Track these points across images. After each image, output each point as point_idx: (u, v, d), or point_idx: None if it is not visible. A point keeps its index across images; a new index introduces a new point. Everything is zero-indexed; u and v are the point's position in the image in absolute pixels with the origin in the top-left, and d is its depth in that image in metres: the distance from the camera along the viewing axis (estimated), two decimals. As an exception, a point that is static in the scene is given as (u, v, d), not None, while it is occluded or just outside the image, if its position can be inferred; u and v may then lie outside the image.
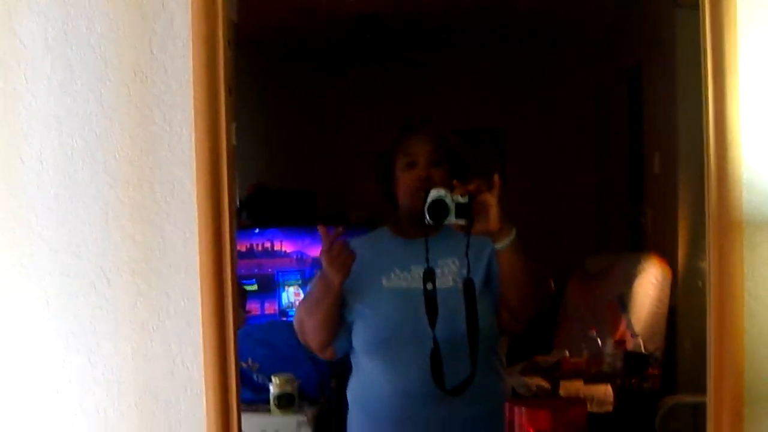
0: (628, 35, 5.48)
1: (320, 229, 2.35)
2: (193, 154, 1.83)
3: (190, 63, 1.85)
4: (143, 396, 1.88)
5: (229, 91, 3.48)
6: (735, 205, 1.80)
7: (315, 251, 4.71)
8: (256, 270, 4.95)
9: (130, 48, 1.87)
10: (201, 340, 1.83)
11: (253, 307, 4.88)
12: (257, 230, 5.03)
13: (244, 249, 4.96)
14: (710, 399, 1.81)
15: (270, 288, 4.91)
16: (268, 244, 5.00)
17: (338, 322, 2.45)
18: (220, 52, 1.83)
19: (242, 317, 4.30)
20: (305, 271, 4.86)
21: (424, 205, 2.25)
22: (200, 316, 1.84)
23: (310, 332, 2.49)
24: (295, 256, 4.99)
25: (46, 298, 1.90)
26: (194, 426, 1.88)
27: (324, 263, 2.35)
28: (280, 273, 4.93)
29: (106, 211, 1.88)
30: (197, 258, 1.84)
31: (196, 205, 1.83)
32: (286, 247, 5.01)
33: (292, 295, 4.94)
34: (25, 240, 1.90)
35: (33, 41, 1.90)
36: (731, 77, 1.81)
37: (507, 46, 6.08)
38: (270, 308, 4.92)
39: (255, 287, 4.94)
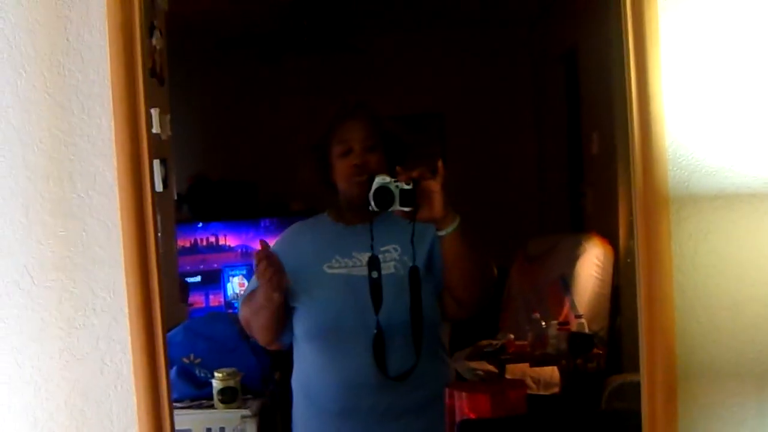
0: (563, 16, 5.49)
1: (260, 244, 2.33)
2: (113, 145, 1.79)
3: (107, 51, 1.81)
4: (72, 395, 1.85)
5: (160, 80, 3.44)
6: (661, 180, 1.81)
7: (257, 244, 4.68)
8: (201, 267, 4.91)
9: (45, 36, 1.83)
10: (129, 337, 1.80)
11: (197, 299, 4.83)
12: (200, 224, 4.98)
13: (188, 245, 4.91)
14: (643, 375, 1.82)
15: (215, 279, 4.86)
16: (212, 239, 4.96)
17: (284, 320, 2.43)
18: (137, 39, 1.79)
19: (183, 310, 4.26)
20: (251, 266, 4.82)
21: (368, 192, 2.24)
22: (127, 313, 1.80)
23: (257, 331, 2.47)
24: (239, 250, 4.95)
25: (-32, 298, 1.85)
26: (126, 424, 1.85)
27: (259, 281, 2.33)
28: (227, 268, 4.89)
29: (26, 206, 1.83)
30: (121, 252, 1.80)
31: (117, 198, 1.80)
32: (230, 241, 4.97)
33: (236, 286, 4.89)
34: (-57, 239, 1.85)
35: (-57, 33, 1.85)
36: (652, 49, 1.82)
37: (444, 28, 6.07)
38: (215, 300, 4.87)
39: (198, 279, 4.89)
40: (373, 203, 2.23)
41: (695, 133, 1.86)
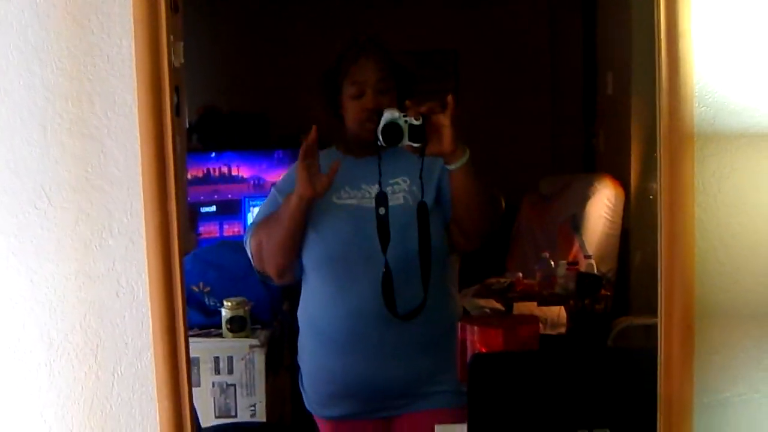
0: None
1: (315, 130, 2.32)
2: (134, 67, 1.77)
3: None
4: (87, 316, 1.84)
5: (174, 7, 3.39)
6: (686, 117, 1.78)
7: (272, 176, 4.66)
8: (216, 196, 4.88)
9: (66, -44, 1.80)
10: (145, 259, 1.79)
11: (210, 229, 4.82)
12: (213, 154, 4.95)
13: (200, 174, 4.89)
14: (661, 313, 1.81)
15: (231, 209, 4.82)
16: (225, 169, 4.94)
17: (298, 243, 2.42)
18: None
19: (193, 239, 4.26)
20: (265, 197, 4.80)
21: (376, 128, 2.23)
22: (144, 235, 1.79)
23: (271, 256, 2.45)
24: (252, 182, 4.93)
25: (-16, 218, 1.84)
26: (141, 347, 1.85)
27: (302, 175, 2.31)
28: (247, 198, 4.85)
29: (44, 126, 1.81)
30: (140, 175, 1.78)
31: (137, 121, 1.77)
32: (243, 171, 4.95)
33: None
34: (-41, 157, 1.84)
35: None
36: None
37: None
38: (229, 230, 4.85)
39: (213, 209, 4.87)
40: (381, 139, 2.23)
41: (723, 72, 1.83)
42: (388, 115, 2.22)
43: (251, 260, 2.51)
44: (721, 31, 1.83)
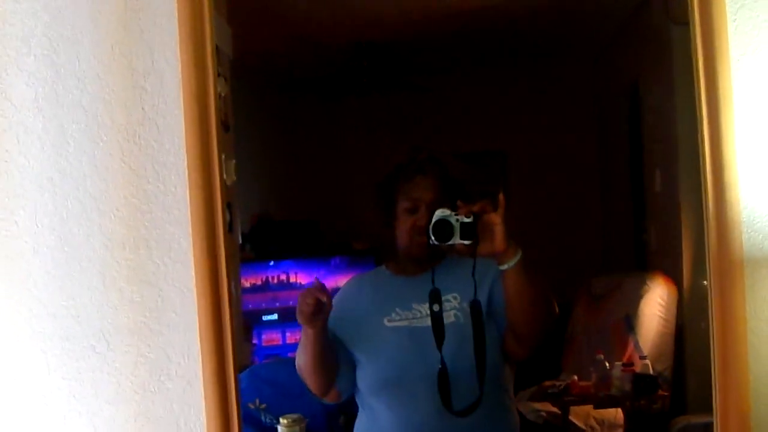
0: (626, 51, 5.46)
1: (316, 281, 2.34)
2: (188, 213, 1.82)
3: (182, 120, 1.84)
4: (147, 458, 1.87)
5: (226, 127, 3.48)
6: (735, 244, 1.79)
7: (329, 282, 4.70)
8: (277, 304, 4.92)
9: (122, 107, 1.87)
10: (203, 401, 1.82)
11: (273, 336, 4.85)
12: (272, 263, 5.00)
13: (259, 282, 4.94)
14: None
15: (293, 317, 4.85)
16: (283, 277, 4.98)
17: (331, 366, 2.42)
18: (211, 108, 1.82)
19: (248, 350, 4.28)
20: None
21: (428, 225, 2.24)
22: (201, 376, 1.82)
23: (306, 376, 2.46)
24: (310, 288, 4.96)
25: (47, 362, 1.89)
26: (200, 485, 1.87)
27: (301, 320, 2.31)
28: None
29: (103, 273, 1.87)
30: (196, 317, 1.82)
31: (192, 264, 1.82)
32: (301, 278, 4.98)
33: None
34: (23, 304, 1.89)
35: (23, 102, 1.89)
36: (726, 113, 1.80)
37: (506, 65, 6.06)
38: (291, 338, 4.88)
39: (275, 317, 4.91)
40: (432, 237, 2.22)
41: (770, 195, 1.84)
42: (440, 213, 2.22)
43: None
44: (766, 154, 1.84)
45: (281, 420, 3.15)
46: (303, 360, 2.42)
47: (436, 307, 2.30)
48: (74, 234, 1.87)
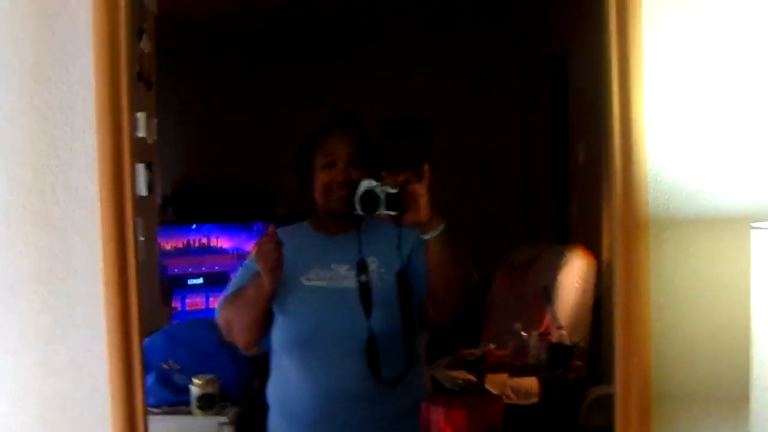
0: (552, 24, 5.50)
1: (271, 228, 2.35)
2: (96, 158, 1.79)
3: (92, 62, 1.81)
4: (48, 408, 1.85)
5: (149, 85, 3.43)
6: (640, 203, 1.82)
7: (251, 247, 4.68)
8: (203, 268, 4.89)
9: (31, 48, 1.83)
10: (105, 349, 1.80)
11: (197, 301, 4.82)
12: (194, 226, 4.97)
13: (180, 245, 4.90)
14: (618, 396, 1.83)
15: (220, 281, 4.82)
16: (204, 240, 4.95)
17: (267, 321, 2.43)
18: (122, 48, 1.78)
19: (165, 314, 4.25)
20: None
21: (353, 197, 2.25)
22: (104, 325, 1.80)
23: (240, 331, 2.46)
24: (232, 252, 4.94)
25: (-53, 308, 1.85)
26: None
27: (257, 261, 2.33)
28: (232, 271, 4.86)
29: (7, 218, 1.83)
30: (101, 264, 1.80)
31: (98, 209, 1.80)
32: (223, 243, 4.96)
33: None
34: (-76, 249, 1.85)
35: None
36: (635, 73, 1.84)
37: (434, 36, 6.07)
38: (215, 302, 4.86)
39: (200, 281, 4.88)
40: (359, 207, 2.24)
41: (676, 156, 1.87)
42: (366, 183, 2.24)
43: (221, 330, 2.51)
44: (673, 116, 1.87)
45: (194, 380, 3.14)
46: (246, 315, 2.41)
47: (363, 278, 2.33)
48: (-22, 178, 1.83)
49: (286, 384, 2.47)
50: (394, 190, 2.22)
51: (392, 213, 2.23)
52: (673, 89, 1.87)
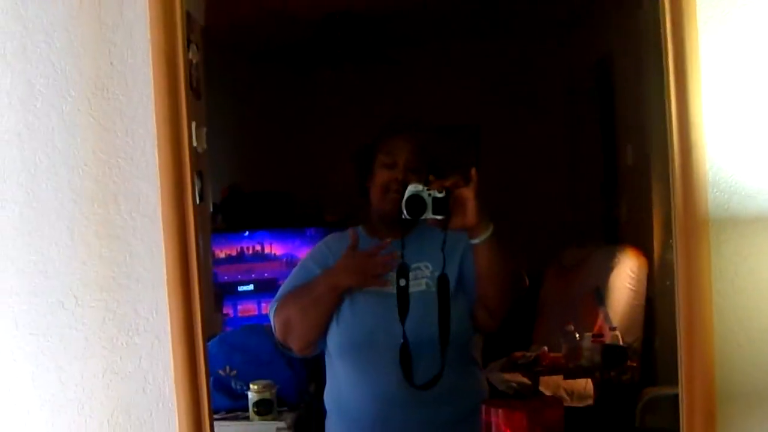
0: (597, 25, 5.47)
1: (351, 233, 2.43)
2: (157, 167, 1.82)
3: (151, 73, 1.83)
4: (115, 414, 1.87)
5: (198, 95, 3.46)
6: (700, 203, 1.81)
7: (304, 253, 4.71)
8: (253, 275, 4.93)
9: (90, 61, 1.86)
10: (171, 356, 1.82)
11: (249, 307, 4.85)
12: (247, 233, 5.00)
13: (234, 253, 4.93)
14: (682, 398, 1.82)
15: (268, 288, 4.85)
16: (258, 247, 4.98)
17: (328, 321, 2.45)
18: (180, 61, 1.81)
19: (218, 320, 4.28)
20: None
21: (396, 208, 2.25)
22: (169, 331, 1.82)
23: (299, 331, 2.47)
24: (285, 259, 4.97)
25: (15, 318, 1.88)
26: (168, 442, 1.88)
27: (361, 269, 2.38)
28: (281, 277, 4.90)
29: (71, 228, 1.86)
30: (164, 272, 1.82)
31: (160, 217, 1.82)
32: (276, 249, 4.99)
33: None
34: (-10, 261, 1.88)
35: (-9, 58, 1.88)
36: (693, 74, 1.82)
37: (478, 39, 6.06)
38: (266, 308, 4.90)
39: (251, 288, 4.92)
40: (405, 211, 2.25)
41: (735, 156, 1.86)
42: (412, 188, 2.25)
43: (274, 331, 2.53)
44: (733, 115, 1.86)
45: (251, 386, 3.16)
46: (310, 314, 2.43)
47: (402, 282, 2.33)
48: (42, 189, 1.86)
49: (341, 388, 2.48)
50: (440, 194, 2.23)
51: (438, 217, 2.23)
52: (731, 88, 1.86)
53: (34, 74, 1.86)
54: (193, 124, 1.95)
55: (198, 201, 2.52)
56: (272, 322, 2.53)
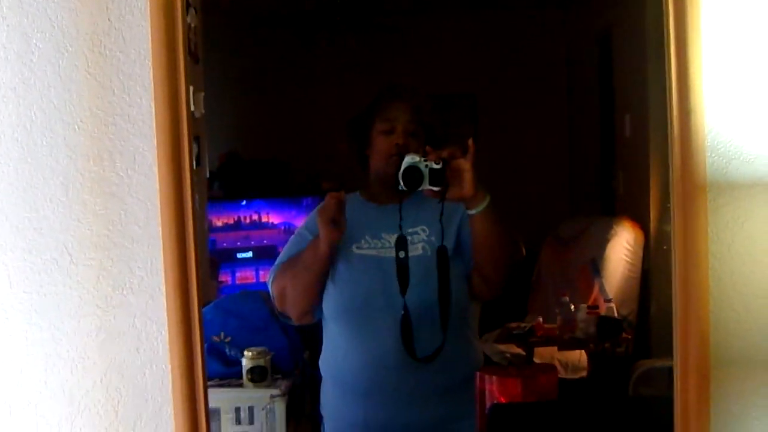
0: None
1: (325, 186, 2.37)
2: (153, 125, 1.81)
3: (149, 31, 1.82)
4: (108, 373, 1.86)
5: (196, 59, 3.45)
6: (698, 167, 1.80)
7: (301, 221, 4.73)
8: (252, 243, 4.94)
9: (88, 17, 1.84)
10: (165, 315, 1.81)
11: (247, 274, 4.86)
12: (244, 202, 5.01)
13: (231, 221, 4.95)
14: (676, 362, 1.82)
15: (268, 254, 4.85)
16: (255, 216, 4.99)
17: (322, 288, 2.45)
18: (178, 19, 1.79)
19: (214, 288, 4.29)
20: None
21: (397, 172, 2.24)
22: (164, 290, 1.82)
23: (294, 299, 2.47)
24: (282, 227, 4.98)
25: (8, 276, 1.87)
26: (160, 401, 1.86)
27: (321, 219, 2.34)
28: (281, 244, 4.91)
29: (66, 185, 1.85)
30: (160, 231, 1.81)
31: (157, 176, 1.81)
32: (273, 218, 5.00)
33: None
34: (-16, 216, 1.87)
35: (-13, 12, 1.86)
36: (693, 39, 1.80)
37: (478, 9, 6.05)
38: (265, 276, 4.92)
39: (250, 254, 4.92)
40: (402, 183, 2.24)
41: (734, 121, 1.85)
42: (409, 159, 2.24)
43: (273, 300, 2.53)
44: (732, 80, 1.85)
45: (246, 352, 3.16)
46: (301, 281, 2.43)
47: (401, 254, 2.33)
48: (38, 145, 1.84)
49: (337, 353, 2.48)
50: (437, 166, 2.21)
51: (435, 188, 2.23)
52: (730, 53, 1.85)
53: (31, 28, 1.84)
54: (191, 88, 1.94)
55: (195, 166, 2.51)
56: (271, 292, 2.52)
